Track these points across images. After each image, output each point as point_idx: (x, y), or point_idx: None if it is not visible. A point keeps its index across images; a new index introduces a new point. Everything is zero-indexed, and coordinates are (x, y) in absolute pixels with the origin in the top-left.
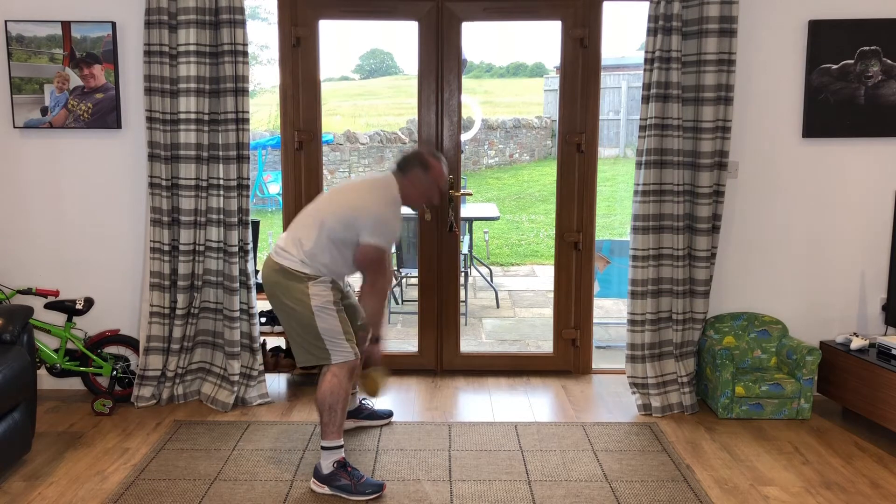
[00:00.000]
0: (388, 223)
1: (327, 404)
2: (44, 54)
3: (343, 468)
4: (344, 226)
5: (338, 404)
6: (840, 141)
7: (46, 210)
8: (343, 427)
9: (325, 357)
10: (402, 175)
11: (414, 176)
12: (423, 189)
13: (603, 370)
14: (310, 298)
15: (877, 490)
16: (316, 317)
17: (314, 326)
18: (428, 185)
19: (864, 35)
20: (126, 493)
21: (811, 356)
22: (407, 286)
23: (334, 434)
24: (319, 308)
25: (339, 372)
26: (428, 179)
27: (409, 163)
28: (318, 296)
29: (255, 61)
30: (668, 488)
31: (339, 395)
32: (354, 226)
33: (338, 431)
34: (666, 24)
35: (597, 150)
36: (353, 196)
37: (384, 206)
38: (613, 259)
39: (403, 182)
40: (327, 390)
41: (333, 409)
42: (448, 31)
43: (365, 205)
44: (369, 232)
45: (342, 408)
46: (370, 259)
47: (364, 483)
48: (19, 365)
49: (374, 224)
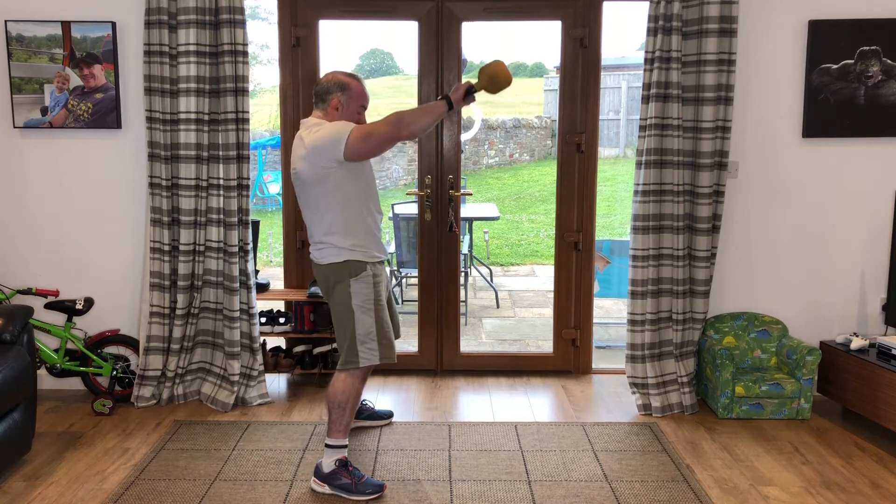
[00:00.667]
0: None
1: (337, 402)
2: (44, 54)
3: (344, 467)
4: (320, 171)
5: (348, 404)
6: (840, 141)
7: (46, 210)
8: (349, 428)
9: (354, 360)
10: (323, 104)
11: (335, 101)
12: (348, 111)
13: (603, 370)
14: (351, 297)
15: (877, 490)
16: (355, 316)
17: (351, 324)
18: (350, 104)
19: (864, 35)
20: (126, 493)
21: (811, 356)
22: (407, 286)
23: (340, 433)
24: (359, 307)
25: (356, 373)
26: (349, 98)
27: (325, 90)
28: (359, 293)
29: (255, 61)
30: (668, 488)
31: (351, 396)
32: (322, 159)
33: (344, 431)
34: (666, 24)
35: (597, 150)
36: (296, 154)
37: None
38: (613, 259)
39: (326, 113)
40: (340, 389)
41: (343, 408)
42: (448, 31)
43: (311, 139)
44: (332, 146)
45: (351, 408)
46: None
47: (364, 483)
48: (19, 365)
49: (324, 141)
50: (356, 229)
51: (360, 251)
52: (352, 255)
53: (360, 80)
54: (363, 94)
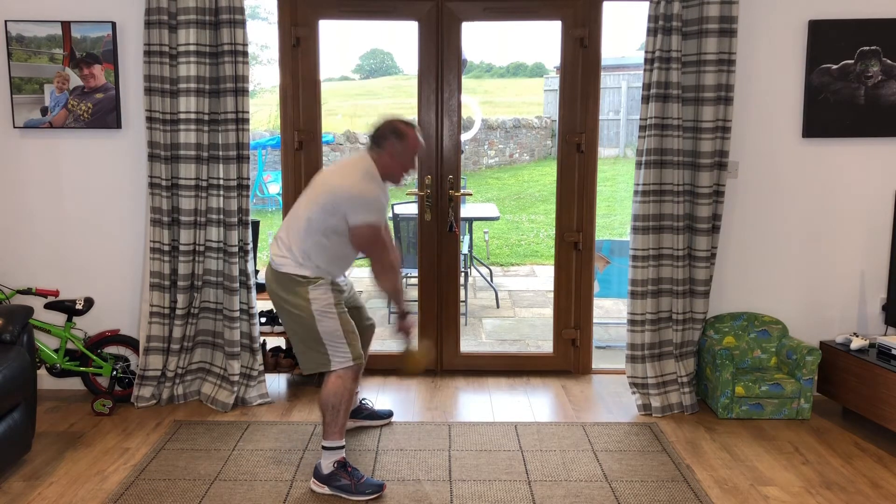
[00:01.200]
0: (370, 198)
1: (330, 405)
2: (44, 54)
3: (343, 468)
4: (328, 213)
5: (341, 405)
6: (840, 141)
7: (46, 210)
8: (345, 428)
9: (326, 363)
10: (378, 149)
11: (390, 147)
12: (401, 159)
13: (603, 370)
14: (310, 303)
15: (877, 490)
16: (317, 321)
17: (315, 330)
18: (405, 154)
19: (864, 35)
20: (126, 493)
21: (811, 356)
22: (407, 286)
23: (336, 434)
24: (320, 312)
25: (345, 374)
26: (404, 148)
27: (382, 135)
28: (318, 300)
29: (255, 61)
30: (668, 488)
31: (343, 397)
32: (338, 210)
33: (339, 432)
34: (666, 24)
35: (597, 150)
36: (330, 181)
37: (362, 183)
38: (613, 259)
39: (380, 156)
40: (331, 391)
41: (336, 409)
42: (448, 31)
43: (342, 185)
44: (355, 212)
45: (345, 409)
46: (366, 238)
47: (364, 483)
48: (19, 365)
49: (356, 203)
50: (326, 261)
51: (321, 272)
52: (311, 273)
53: (417, 130)
54: (418, 142)
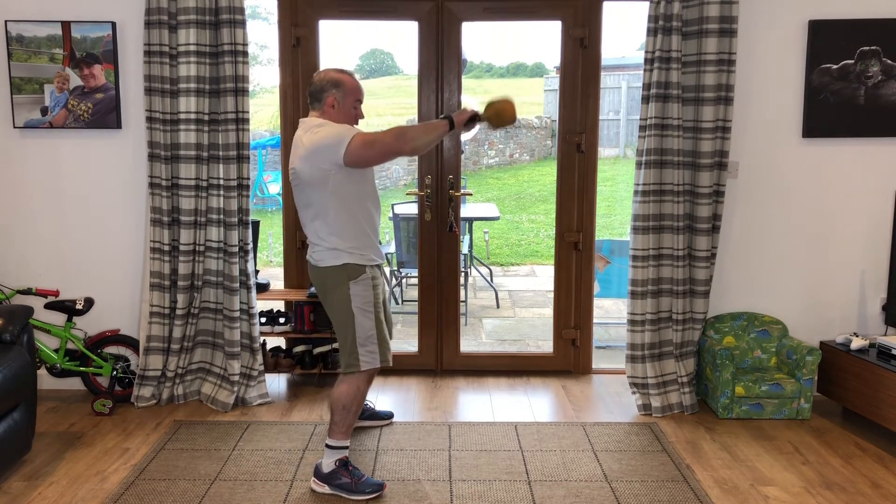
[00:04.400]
0: (333, 128)
1: (342, 404)
2: (44, 54)
3: (344, 467)
4: (319, 172)
5: (352, 406)
6: (840, 141)
7: (46, 210)
8: (352, 429)
9: (355, 363)
10: (318, 105)
11: (329, 98)
12: (344, 108)
13: (603, 370)
14: (350, 300)
15: (877, 490)
16: (356, 319)
17: (352, 327)
18: (345, 100)
19: (864, 35)
20: (126, 493)
21: (811, 356)
22: (407, 286)
23: (342, 434)
24: (359, 309)
25: (361, 375)
26: (344, 94)
27: (318, 88)
28: (359, 296)
29: (255, 61)
30: (668, 488)
31: (357, 399)
32: (321, 166)
33: (346, 432)
34: (666, 24)
35: (597, 150)
36: (294, 156)
37: (315, 129)
38: (613, 259)
39: (322, 111)
40: (345, 391)
41: (347, 409)
42: (448, 31)
43: (305, 147)
44: (333, 148)
45: (356, 411)
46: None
47: (364, 482)
48: (19, 365)
49: (327, 141)
50: (353, 232)
51: (357, 254)
52: (350, 258)
53: (353, 75)
54: (357, 88)
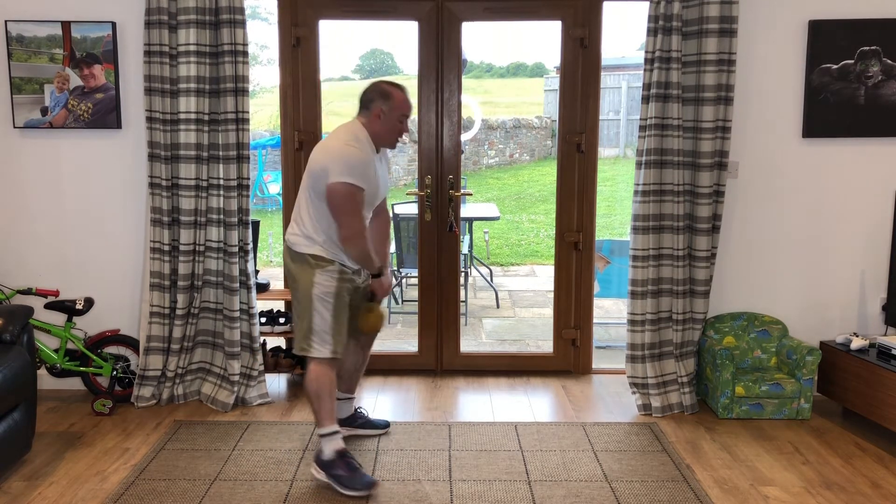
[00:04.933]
0: (352, 159)
1: (313, 391)
2: (44, 54)
3: (342, 458)
4: (319, 181)
5: (323, 390)
6: (840, 141)
7: (46, 210)
8: (335, 412)
9: (307, 348)
10: (366, 111)
11: (377, 109)
12: (390, 120)
13: (603, 370)
14: (313, 286)
15: (877, 490)
16: (313, 306)
17: (310, 314)
18: (391, 114)
19: (864, 35)
20: (126, 493)
21: (811, 356)
22: (407, 286)
23: (326, 420)
24: (318, 297)
25: (322, 361)
26: (390, 109)
27: (369, 98)
28: (321, 285)
29: (255, 61)
30: (668, 488)
31: (323, 382)
32: (325, 173)
33: (329, 417)
34: (666, 24)
35: (597, 150)
36: (320, 148)
37: (346, 146)
38: (613, 259)
39: (369, 120)
40: (312, 378)
41: (319, 395)
42: (448, 31)
43: (329, 148)
44: (335, 170)
45: (328, 394)
46: (339, 196)
47: (357, 478)
48: (19, 365)
49: (338, 162)
50: (330, 236)
51: (329, 251)
52: (322, 251)
53: (404, 91)
54: (404, 103)
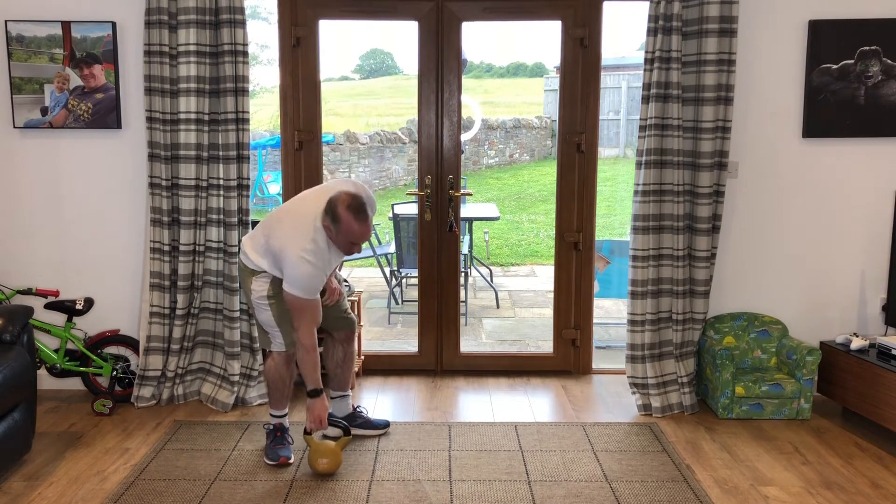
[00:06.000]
0: (305, 277)
1: (268, 381)
2: (44, 54)
3: (273, 432)
4: (274, 256)
5: (275, 384)
6: (840, 141)
7: (46, 210)
8: (285, 401)
9: (267, 343)
10: (325, 217)
11: (330, 223)
12: (338, 242)
13: (603, 370)
14: (251, 293)
15: (877, 490)
16: (255, 308)
17: (256, 314)
18: (339, 239)
19: (864, 35)
20: (126, 493)
21: (811, 356)
22: (407, 286)
23: (275, 406)
24: (255, 302)
25: (277, 357)
26: (338, 233)
27: (328, 207)
28: (256, 290)
29: (255, 61)
30: (668, 488)
31: (275, 376)
32: (280, 262)
33: (276, 405)
34: (666, 24)
35: (597, 150)
36: (287, 229)
37: (301, 260)
38: (613, 259)
39: (326, 227)
40: (267, 371)
41: (273, 386)
42: (448, 31)
43: (289, 246)
44: (288, 279)
45: (280, 386)
46: (292, 306)
47: (271, 449)
48: (19, 365)
49: (292, 272)
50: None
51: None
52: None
53: (361, 220)
54: (354, 233)
